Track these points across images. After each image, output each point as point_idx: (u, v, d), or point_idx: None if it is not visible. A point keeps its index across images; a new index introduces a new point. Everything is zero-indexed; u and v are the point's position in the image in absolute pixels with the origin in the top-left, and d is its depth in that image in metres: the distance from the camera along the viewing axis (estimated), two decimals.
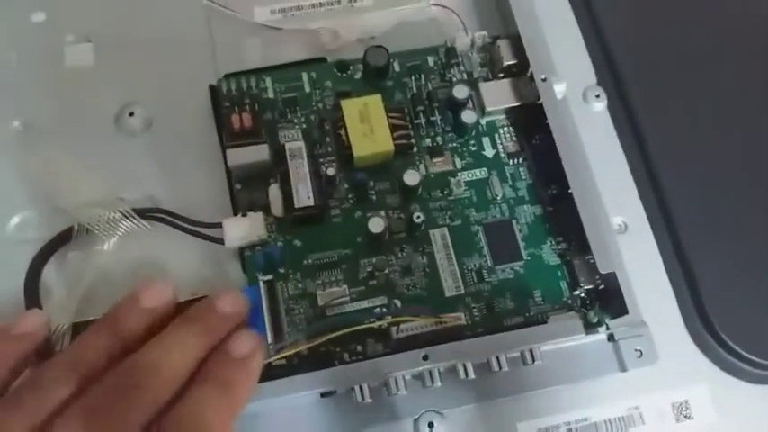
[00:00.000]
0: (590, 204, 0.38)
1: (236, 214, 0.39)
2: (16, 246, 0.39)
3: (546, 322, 0.37)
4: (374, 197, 0.40)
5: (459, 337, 0.37)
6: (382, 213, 0.39)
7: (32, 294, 0.36)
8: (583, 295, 0.39)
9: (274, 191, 0.39)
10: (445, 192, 0.41)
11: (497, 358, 0.36)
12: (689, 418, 0.37)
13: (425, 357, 0.34)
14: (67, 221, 0.39)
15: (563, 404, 0.38)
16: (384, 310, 0.38)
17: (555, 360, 0.37)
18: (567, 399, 0.38)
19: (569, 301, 0.39)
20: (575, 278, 0.39)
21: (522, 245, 0.40)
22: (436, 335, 0.37)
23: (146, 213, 0.39)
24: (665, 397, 0.38)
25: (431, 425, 0.36)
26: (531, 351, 0.36)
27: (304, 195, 0.38)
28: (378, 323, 0.36)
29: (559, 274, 0.39)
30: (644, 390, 0.38)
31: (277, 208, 0.39)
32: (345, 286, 0.37)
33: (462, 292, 0.38)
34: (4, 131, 0.43)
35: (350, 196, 0.40)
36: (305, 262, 0.39)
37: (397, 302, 0.38)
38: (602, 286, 0.38)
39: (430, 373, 0.35)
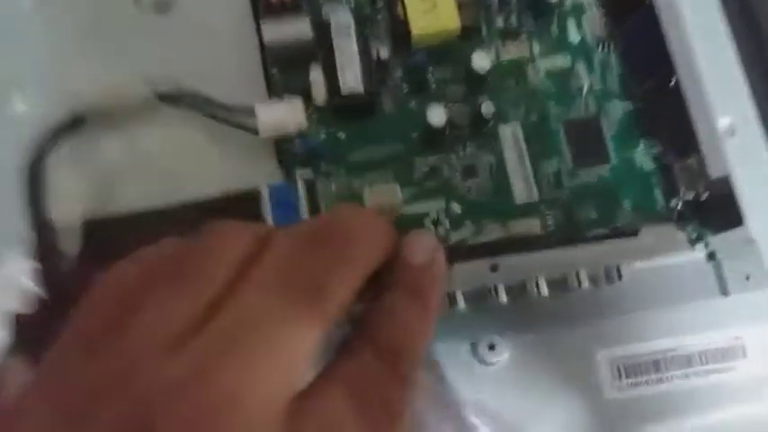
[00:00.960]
0: (699, 97, 0.31)
1: (271, 98, 0.33)
2: (18, 129, 0.34)
3: (636, 235, 0.31)
4: (434, 85, 0.34)
5: (532, 248, 0.31)
6: (443, 104, 0.33)
7: (35, 186, 0.32)
8: (680, 207, 0.32)
9: (316, 74, 0.33)
10: (520, 82, 0.34)
11: (577, 274, 0.30)
12: None
13: (494, 268, 0.29)
14: (79, 105, 0.34)
15: (649, 331, 0.32)
16: (442, 215, 0.32)
17: (644, 280, 0.31)
18: (654, 325, 0.32)
19: (664, 213, 0.32)
20: (672, 186, 0.32)
21: (610, 146, 0.33)
22: (503, 245, 0.31)
23: (168, 96, 0.34)
24: None
25: (492, 347, 0.31)
26: (618, 268, 0.30)
27: (351, 80, 0.32)
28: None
29: (653, 180, 0.33)
30: (749, 318, 0.32)
31: (319, 94, 0.33)
32: (397, 186, 0.32)
33: (536, 199, 0.32)
34: (15, 6, 0.37)
35: (405, 83, 0.34)
36: (350, 158, 0.33)
37: (457, 207, 0.32)
38: (707, 195, 0.32)
39: (495, 288, 0.30)
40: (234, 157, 0.34)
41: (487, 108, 0.32)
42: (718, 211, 0.31)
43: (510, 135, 0.33)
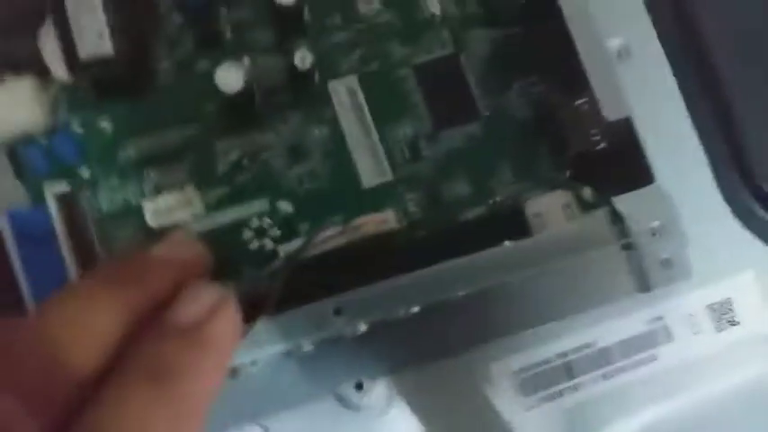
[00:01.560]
0: (583, 19, 0.23)
1: None
2: None
3: (521, 212, 0.24)
4: (228, 33, 0.24)
5: (390, 247, 0.23)
6: (245, 60, 0.23)
7: None
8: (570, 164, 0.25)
9: (46, 35, 0.22)
10: (348, 15, 0.25)
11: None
12: (733, 324, 0.26)
13: (338, 312, 0.20)
14: None
15: (554, 329, 0.25)
16: (267, 220, 0.23)
17: (543, 286, 0.24)
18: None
19: (551, 177, 0.25)
20: (559, 138, 0.25)
21: (476, 93, 0.25)
22: (354, 251, 0.23)
23: None
24: (697, 299, 0.26)
25: (359, 386, 0.23)
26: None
27: (93, 36, 0.21)
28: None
29: (535, 133, 0.25)
30: (667, 294, 0.25)
31: (57, 64, 0.22)
32: (192, 190, 0.22)
33: (390, 178, 0.24)
34: None
35: (186, 35, 0.24)
36: (122, 154, 0.23)
37: (286, 205, 0.23)
38: (603, 145, 0.24)
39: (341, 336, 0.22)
40: None
41: (303, 58, 0.23)
42: (622, 164, 0.24)
43: (344, 94, 0.24)
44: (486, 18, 0.26)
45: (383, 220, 0.22)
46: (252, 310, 0.19)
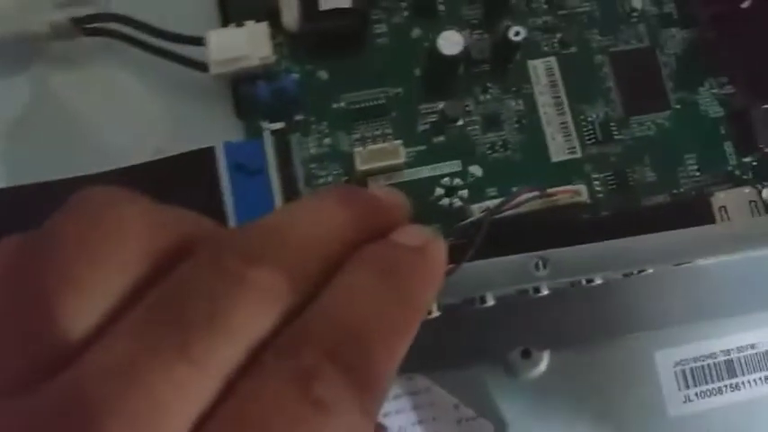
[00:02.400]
0: None
1: (226, 25, 0.25)
2: None
3: (706, 204, 0.24)
4: (442, 6, 0.26)
5: (574, 222, 0.24)
6: (456, 31, 0.24)
7: None
8: (755, 162, 0.25)
9: None
10: (553, 1, 0.26)
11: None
12: None
13: (540, 265, 0.21)
14: None
15: (721, 325, 0.25)
16: (457, 181, 0.24)
17: (718, 277, 0.24)
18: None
19: (737, 172, 0.25)
20: (747, 137, 0.25)
21: (668, 86, 0.26)
22: (536, 219, 0.24)
23: (92, 24, 0.25)
24: None
25: (526, 354, 0.24)
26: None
27: None
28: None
29: (723, 130, 0.26)
30: None
31: (290, 15, 0.24)
32: (399, 142, 0.24)
33: (578, 155, 0.25)
34: None
35: (404, 3, 0.26)
36: (335, 105, 0.25)
37: (477, 170, 0.25)
38: None
39: (536, 289, 0.22)
40: (177, 105, 0.25)
41: (518, 32, 0.24)
42: None
43: (543, 73, 0.25)
44: (683, 19, 0.26)
45: (577, 192, 0.23)
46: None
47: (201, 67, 0.24)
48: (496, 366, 0.24)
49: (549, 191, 0.23)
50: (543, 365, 0.24)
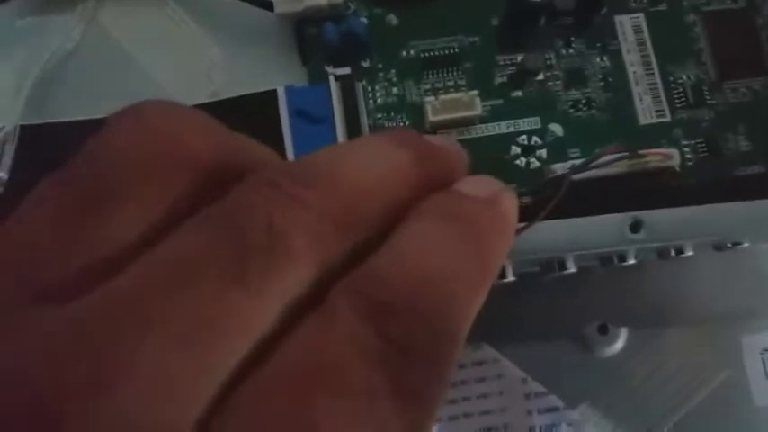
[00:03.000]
0: None
1: None
2: None
3: None
4: None
5: (664, 187, 0.22)
6: None
7: None
8: None
9: None
10: None
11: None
12: None
13: (635, 227, 0.19)
14: None
15: None
16: (535, 140, 0.23)
17: None
18: None
19: None
20: None
21: (765, 50, 0.24)
22: (622, 181, 0.22)
23: None
24: None
25: (603, 330, 0.22)
26: None
27: None
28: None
29: None
30: None
31: None
32: (475, 93, 0.22)
33: (668, 118, 0.23)
34: None
35: None
36: (404, 53, 0.23)
37: (557, 128, 0.23)
38: None
39: (621, 256, 0.20)
40: (238, 47, 0.24)
41: None
42: None
43: (630, 29, 0.24)
44: None
45: (669, 156, 0.21)
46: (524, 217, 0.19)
47: (266, 5, 0.23)
48: (570, 340, 0.22)
49: (640, 152, 0.21)
50: (620, 343, 0.22)
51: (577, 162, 0.21)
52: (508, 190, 0.14)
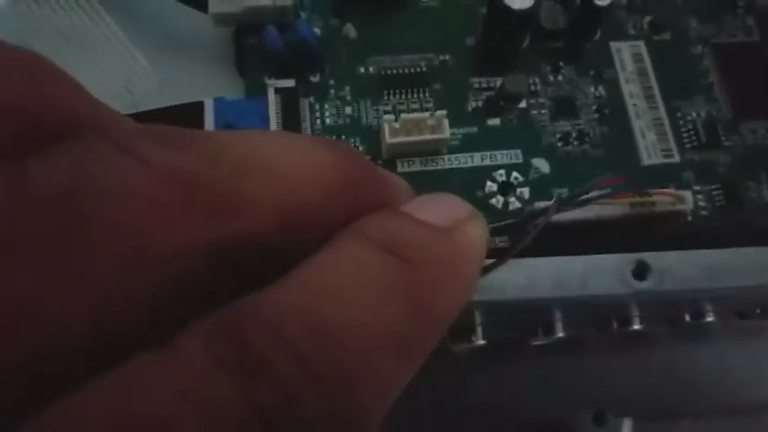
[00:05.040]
0: None
1: None
2: None
3: None
4: None
5: (672, 232, 0.17)
6: None
7: None
8: None
9: None
10: None
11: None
12: None
13: (639, 272, 0.14)
14: None
15: None
16: (515, 176, 0.18)
17: None
18: None
19: None
20: None
21: None
22: (619, 227, 0.17)
23: None
24: None
25: (600, 419, 0.17)
26: None
27: None
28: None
29: None
30: None
31: None
32: (443, 113, 0.18)
33: (676, 159, 0.19)
34: None
35: None
36: (362, 69, 0.19)
37: (541, 164, 0.19)
38: None
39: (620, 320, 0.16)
40: (164, 53, 0.20)
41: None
42: None
43: (629, 57, 0.20)
44: None
45: (680, 198, 0.17)
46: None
47: (200, 4, 0.19)
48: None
49: (646, 190, 0.17)
50: None
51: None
52: (476, 216, 0.11)
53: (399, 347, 0.09)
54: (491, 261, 0.14)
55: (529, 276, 0.14)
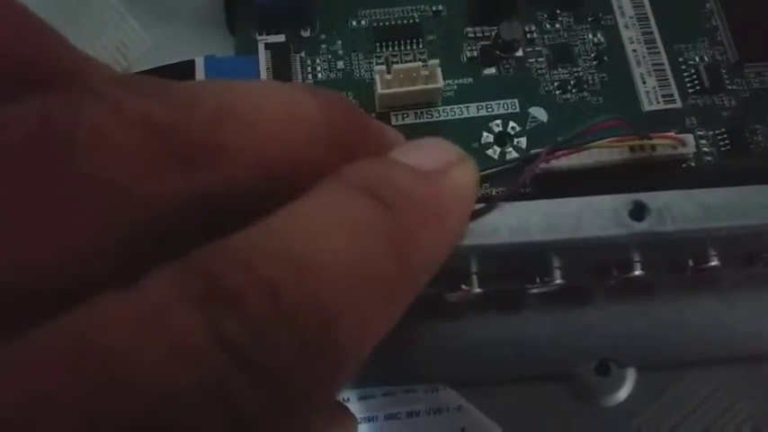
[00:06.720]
0: None
1: None
2: None
3: None
4: None
5: (679, 183, 0.17)
6: None
7: None
8: None
9: None
10: None
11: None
12: None
13: (637, 213, 0.14)
14: None
15: None
16: (512, 126, 0.18)
17: None
18: None
19: None
20: None
21: None
22: (618, 172, 0.17)
23: None
24: None
25: (604, 369, 0.17)
26: None
27: None
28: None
29: None
30: None
31: None
32: (436, 62, 0.17)
33: (678, 105, 0.18)
34: None
35: None
36: (353, 22, 0.19)
37: (540, 113, 0.18)
38: None
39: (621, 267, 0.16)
40: (156, 15, 0.20)
41: None
42: None
43: (628, 2, 0.19)
44: None
45: (682, 142, 0.16)
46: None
47: None
48: (559, 384, 0.17)
49: (646, 133, 0.16)
50: (626, 388, 0.17)
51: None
52: (465, 159, 0.10)
53: (379, 287, 0.09)
54: (481, 205, 0.14)
55: (521, 219, 0.13)
